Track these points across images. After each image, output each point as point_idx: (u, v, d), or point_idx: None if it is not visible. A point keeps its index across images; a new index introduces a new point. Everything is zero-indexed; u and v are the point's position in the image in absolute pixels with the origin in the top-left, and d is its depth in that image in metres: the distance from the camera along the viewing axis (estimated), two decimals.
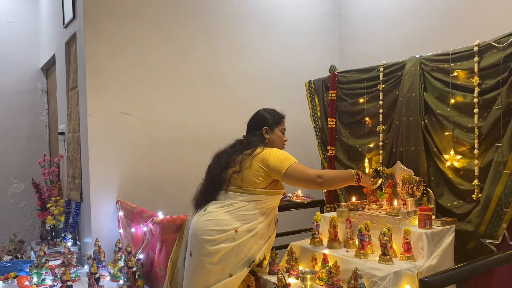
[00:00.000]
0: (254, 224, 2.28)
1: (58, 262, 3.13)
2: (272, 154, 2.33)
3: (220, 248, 2.19)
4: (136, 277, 2.74)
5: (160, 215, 2.72)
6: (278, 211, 3.61)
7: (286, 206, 3.67)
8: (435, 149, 2.74)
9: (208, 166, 2.52)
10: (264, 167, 2.31)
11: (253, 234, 2.26)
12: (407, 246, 2.35)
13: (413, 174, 2.76)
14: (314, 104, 3.67)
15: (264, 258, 2.37)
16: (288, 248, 2.70)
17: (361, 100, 3.24)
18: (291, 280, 2.44)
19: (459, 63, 2.61)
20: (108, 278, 3.00)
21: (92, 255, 3.08)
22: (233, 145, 2.51)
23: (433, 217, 2.52)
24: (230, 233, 2.22)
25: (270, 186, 2.39)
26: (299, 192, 3.02)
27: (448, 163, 2.67)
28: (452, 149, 2.65)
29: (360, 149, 3.25)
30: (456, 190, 2.64)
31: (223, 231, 2.22)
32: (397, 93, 2.96)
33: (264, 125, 2.52)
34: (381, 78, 3.07)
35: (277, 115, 2.59)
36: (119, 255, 3.04)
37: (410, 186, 2.70)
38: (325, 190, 3.53)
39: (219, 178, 2.38)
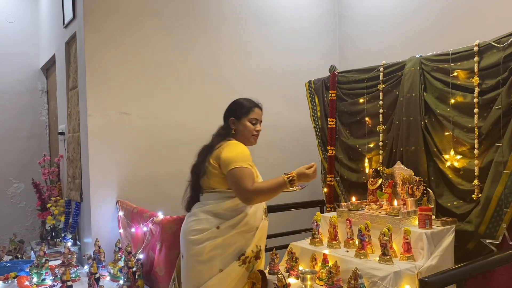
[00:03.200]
0: (236, 219, 2.22)
1: (58, 262, 3.13)
2: (226, 149, 2.24)
3: (205, 246, 2.17)
4: (136, 277, 2.74)
5: (160, 215, 2.72)
6: (278, 211, 3.64)
7: (286, 206, 3.68)
8: (435, 149, 2.74)
9: (192, 166, 2.43)
10: (217, 165, 2.23)
11: (237, 229, 2.21)
12: (407, 246, 2.35)
13: (413, 174, 2.76)
14: (314, 104, 3.67)
15: (260, 249, 2.31)
16: (288, 248, 2.70)
17: (361, 100, 3.24)
18: (291, 280, 2.44)
19: (459, 63, 2.62)
20: (108, 278, 2.99)
21: (92, 255, 3.08)
22: (211, 140, 2.42)
23: (433, 217, 2.53)
24: (212, 230, 2.19)
25: None
26: None
27: (448, 163, 2.67)
28: (452, 149, 2.65)
29: (360, 149, 3.25)
30: (456, 190, 2.65)
31: (205, 230, 2.20)
32: (397, 93, 2.96)
33: (231, 116, 2.39)
34: (381, 78, 3.07)
35: (247, 104, 2.39)
36: (119, 255, 3.04)
37: (410, 186, 2.70)
38: (325, 190, 3.54)
39: (198, 183, 2.35)
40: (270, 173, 3.97)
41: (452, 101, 2.65)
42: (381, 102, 3.07)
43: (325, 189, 3.54)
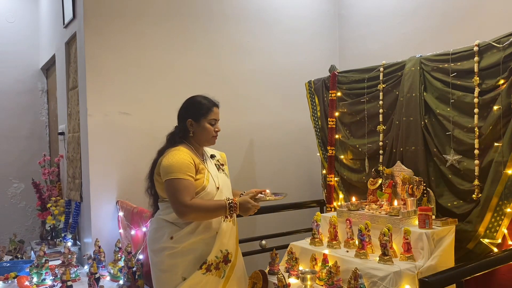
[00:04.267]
0: (190, 227, 2.12)
1: (58, 262, 3.13)
2: (166, 157, 2.13)
3: (164, 255, 2.11)
4: (136, 277, 2.74)
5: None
6: (277, 211, 3.64)
7: (286, 206, 3.68)
8: (435, 149, 2.74)
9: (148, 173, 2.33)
10: (157, 174, 2.16)
11: (196, 236, 2.12)
12: (407, 246, 2.35)
13: (413, 174, 2.76)
14: (314, 104, 3.68)
15: (227, 253, 2.19)
16: (288, 248, 2.71)
17: (361, 100, 3.24)
18: (291, 280, 2.44)
19: (459, 63, 2.61)
20: (108, 278, 2.99)
21: (92, 255, 3.08)
22: (165, 143, 2.31)
23: (433, 217, 2.53)
24: (167, 240, 2.12)
25: None
26: (268, 191, 2.35)
27: (448, 163, 2.67)
28: (452, 149, 2.65)
29: (360, 149, 3.25)
30: (456, 190, 2.65)
31: (161, 239, 2.14)
32: (397, 93, 2.96)
33: (189, 117, 2.24)
34: (381, 78, 3.07)
35: (205, 104, 2.26)
36: (119, 255, 3.04)
37: (410, 186, 2.70)
38: (325, 190, 3.54)
39: (155, 190, 2.27)
40: (270, 173, 4.02)
41: (452, 101, 2.65)
42: (381, 102, 3.07)
43: (325, 189, 3.54)
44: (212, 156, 2.38)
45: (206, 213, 2.09)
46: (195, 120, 2.24)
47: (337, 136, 3.45)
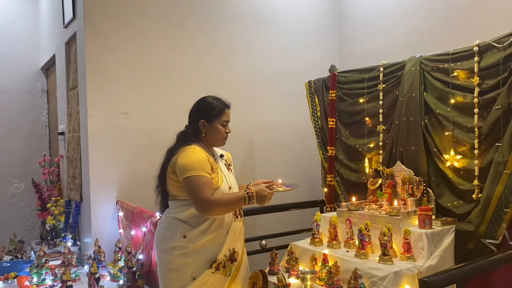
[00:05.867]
0: (204, 226, 2.13)
1: (58, 262, 3.13)
2: (181, 156, 2.13)
3: (174, 254, 2.11)
4: (136, 277, 2.74)
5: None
6: (278, 211, 3.65)
7: (286, 206, 3.68)
8: (435, 149, 2.74)
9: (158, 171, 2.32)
10: (174, 172, 2.15)
11: (208, 235, 2.13)
12: (407, 246, 2.35)
13: (413, 174, 2.76)
14: (314, 104, 3.68)
15: (234, 252, 2.20)
16: (288, 248, 2.71)
17: (361, 100, 3.24)
18: (291, 280, 2.44)
19: (459, 63, 2.62)
20: (108, 278, 3.00)
21: (92, 255, 3.08)
22: (174, 142, 2.31)
23: (433, 217, 2.53)
24: (179, 239, 2.12)
25: None
26: (280, 181, 2.40)
27: (448, 163, 2.67)
28: (452, 149, 2.65)
29: (360, 149, 3.25)
30: (456, 190, 2.65)
31: (173, 238, 2.13)
32: (397, 93, 2.96)
33: (202, 118, 2.25)
34: (381, 78, 3.07)
35: (218, 106, 2.27)
36: (119, 255, 3.04)
37: (410, 186, 2.70)
38: (325, 190, 3.54)
39: (165, 188, 2.27)
40: (270, 173, 4.01)
41: (452, 101, 2.65)
42: (381, 102, 3.07)
43: (325, 189, 3.54)
44: (221, 156, 2.40)
45: (227, 206, 2.11)
46: (207, 121, 2.25)
47: (337, 136, 3.45)
